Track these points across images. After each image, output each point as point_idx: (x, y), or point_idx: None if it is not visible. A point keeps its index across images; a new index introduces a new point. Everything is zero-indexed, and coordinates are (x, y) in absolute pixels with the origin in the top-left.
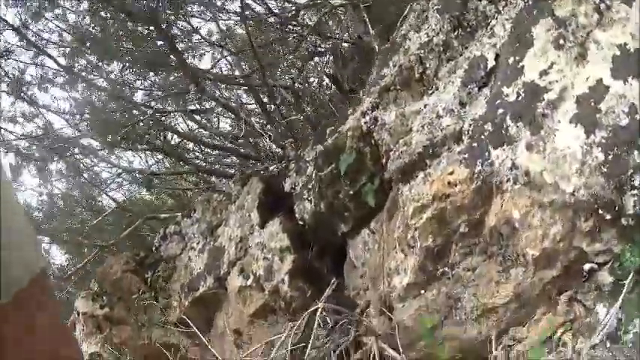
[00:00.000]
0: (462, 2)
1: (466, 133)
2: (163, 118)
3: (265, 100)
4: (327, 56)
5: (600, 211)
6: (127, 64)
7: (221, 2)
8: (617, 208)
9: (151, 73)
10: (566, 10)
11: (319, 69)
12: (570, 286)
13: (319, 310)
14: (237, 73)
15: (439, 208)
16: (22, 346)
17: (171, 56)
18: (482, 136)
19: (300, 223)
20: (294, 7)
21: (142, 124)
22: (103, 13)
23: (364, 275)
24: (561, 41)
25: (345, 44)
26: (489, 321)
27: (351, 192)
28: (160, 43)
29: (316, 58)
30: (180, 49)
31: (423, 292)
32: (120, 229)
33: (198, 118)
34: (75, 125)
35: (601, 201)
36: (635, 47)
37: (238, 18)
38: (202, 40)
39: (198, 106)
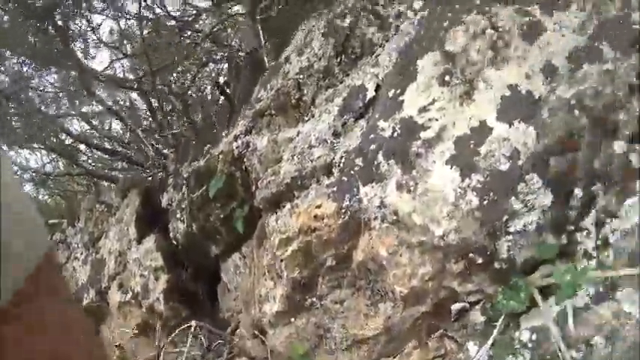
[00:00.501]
0: (349, 27)
1: (337, 165)
2: (59, 118)
3: (155, 105)
4: (222, 64)
5: (471, 255)
6: (27, 59)
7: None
8: (489, 252)
9: (53, 69)
10: (459, 44)
11: (213, 76)
12: (441, 322)
13: (192, 328)
14: (131, 76)
15: (305, 241)
16: (22, 346)
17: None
18: (353, 171)
19: (174, 242)
20: (194, 11)
21: (34, 120)
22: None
23: (237, 298)
24: (447, 77)
25: (242, 54)
26: (360, 351)
27: (222, 216)
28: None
29: (211, 65)
30: (77, 47)
31: (293, 320)
32: None
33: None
34: None
35: (472, 246)
36: (527, 89)
37: (137, 20)
38: (98, 40)
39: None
